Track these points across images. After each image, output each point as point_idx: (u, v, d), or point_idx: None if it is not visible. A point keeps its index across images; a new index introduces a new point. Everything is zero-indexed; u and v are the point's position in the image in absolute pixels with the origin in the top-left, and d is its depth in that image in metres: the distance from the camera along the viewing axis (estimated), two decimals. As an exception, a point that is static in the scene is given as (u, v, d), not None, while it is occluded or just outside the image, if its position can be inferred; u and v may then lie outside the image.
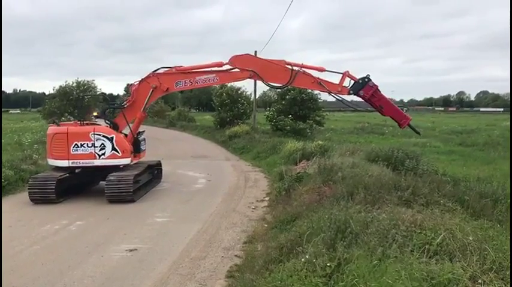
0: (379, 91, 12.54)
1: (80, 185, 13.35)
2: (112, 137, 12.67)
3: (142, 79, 13.23)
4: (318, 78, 12.97)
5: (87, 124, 13.56)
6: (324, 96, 37.76)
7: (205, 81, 13.37)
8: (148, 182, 14.06)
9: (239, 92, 36.77)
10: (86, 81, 33.65)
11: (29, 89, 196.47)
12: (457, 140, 33.83)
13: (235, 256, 7.74)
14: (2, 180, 13.20)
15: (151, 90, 13.03)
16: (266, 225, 9.45)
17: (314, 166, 13.13)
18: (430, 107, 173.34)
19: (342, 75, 12.74)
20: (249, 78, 13.63)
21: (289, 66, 12.80)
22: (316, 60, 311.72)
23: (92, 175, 13.21)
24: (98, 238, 8.78)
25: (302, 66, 12.91)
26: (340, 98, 13.04)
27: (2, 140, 25.05)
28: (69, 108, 31.72)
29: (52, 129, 13.07)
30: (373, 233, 5.89)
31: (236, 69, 13.07)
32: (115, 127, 13.09)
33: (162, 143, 27.26)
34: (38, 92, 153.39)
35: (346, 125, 51.11)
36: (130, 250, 8.00)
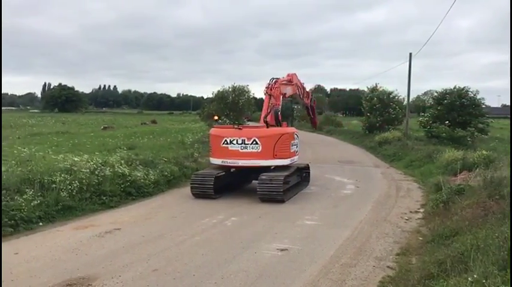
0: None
1: (234, 183, 14.18)
2: (297, 136, 14.56)
3: (275, 87, 14.80)
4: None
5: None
6: (488, 102, 34.37)
7: (291, 90, 16.09)
8: (297, 185, 14.31)
9: (391, 96, 35.30)
10: (240, 86, 35.83)
11: (190, 93, 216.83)
12: None
13: (388, 267, 7.38)
14: (169, 175, 14.73)
15: (281, 96, 14.99)
16: (421, 238, 8.86)
17: (477, 178, 11.93)
18: None
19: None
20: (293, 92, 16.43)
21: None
22: (482, 63, 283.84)
23: (245, 174, 13.93)
24: (251, 235, 9.19)
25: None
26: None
27: (168, 139, 27.99)
28: (225, 110, 34.07)
29: (276, 130, 13.61)
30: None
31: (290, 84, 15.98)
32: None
33: (309, 147, 27.52)
34: (197, 96, 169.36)
35: (514, 134, 45.44)
36: (281, 250, 8.18)
